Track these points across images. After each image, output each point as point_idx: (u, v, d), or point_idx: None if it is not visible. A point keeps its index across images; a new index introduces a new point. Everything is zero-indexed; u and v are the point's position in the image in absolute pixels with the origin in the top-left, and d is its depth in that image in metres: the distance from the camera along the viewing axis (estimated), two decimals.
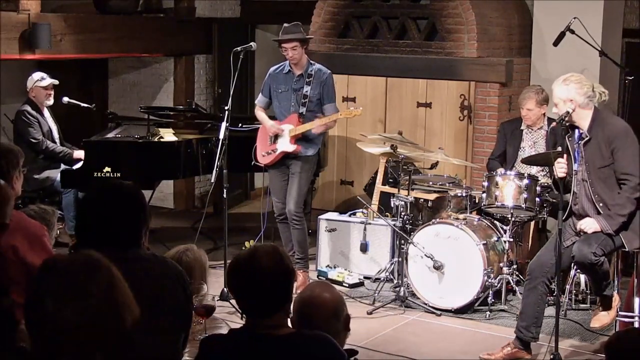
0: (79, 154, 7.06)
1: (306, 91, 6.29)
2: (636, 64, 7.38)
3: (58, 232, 4.83)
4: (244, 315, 2.73)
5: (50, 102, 7.19)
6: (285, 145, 6.33)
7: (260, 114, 6.53)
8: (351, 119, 6.90)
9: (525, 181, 5.87)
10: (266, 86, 6.48)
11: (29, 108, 7.05)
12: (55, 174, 7.04)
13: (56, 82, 7.19)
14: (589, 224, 4.80)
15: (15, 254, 3.59)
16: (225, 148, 5.76)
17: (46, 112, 7.21)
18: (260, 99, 6.55)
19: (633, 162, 4.72)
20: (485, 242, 5.91)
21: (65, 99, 7.44)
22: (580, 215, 4.90)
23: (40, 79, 7.10)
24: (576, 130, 4.84)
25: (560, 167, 4.75)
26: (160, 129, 7.23)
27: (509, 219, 5.99)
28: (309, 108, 6.30)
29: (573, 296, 5.96)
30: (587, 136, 4.78)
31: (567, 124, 4.80)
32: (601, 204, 4.77)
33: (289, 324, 2.72)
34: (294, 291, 2.73)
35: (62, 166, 7.15)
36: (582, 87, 4.76)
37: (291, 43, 6.20)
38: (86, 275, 2.06)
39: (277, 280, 2.61)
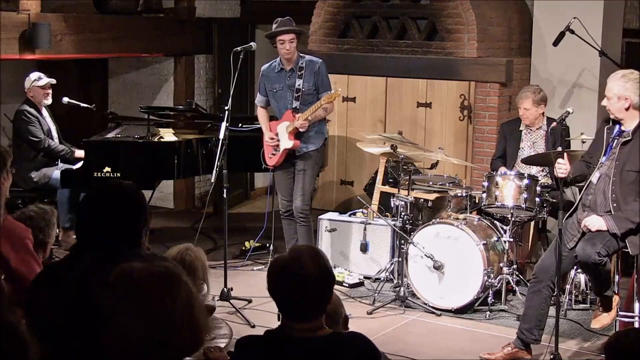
0: (80, 153, 7.06)
1: (298, 85, 6.30)
2: (636, 64, 7.35)
3: (58, 230, 4.83)
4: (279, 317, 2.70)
5: (49, 101, 7.18)
6: (284, 142, 6.35)
7: (261, 119, 6.56)
8: (349, 119, 6.89)
9: (525, 181, 5.87)
10: (262, 85, 6.51)
11: (28, 107, 7.05)
12: (52, 172, 7.03)
13: (53, 81, 7.19)
14: (594, 222, 4.75)
15: None
16: (225, 148, 5.76)
17: (45, 112, 7.20)
18: (259, 99, 6.57)
19: None
20: (485, 242, 5.91)
21: (65, 99, 7.44)
22: (589, 208, 4.85)
23: (37, 79, 7.09)
24: (617, 125, 4.78)
25: (560, 168, 4.73)
26: (160, 129, 7.23)
27: (509, 219, 5.98)
28: (304, 101, 6.30)
29: (573, 296, 5.96)
30: (628, 136, 4.71)
31: (562, 123, 4.78)
32: (615, 204, 4.72)
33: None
34: None
35: (61, 165, 7.15)
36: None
37: (290, 35, 6.21)
38: (166, 291, 2.02)
39: (322, 286, 2.61)
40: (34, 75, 7.15)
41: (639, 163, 4.67)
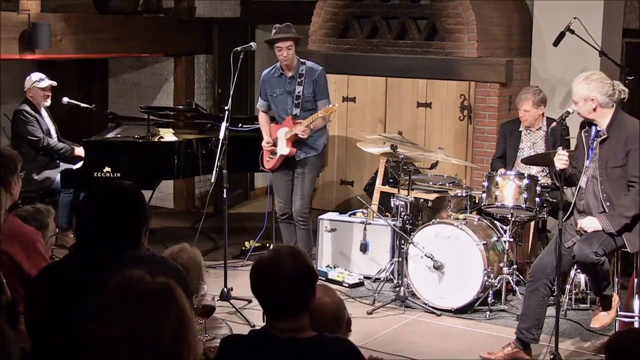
0: (80, 151, 7.06)
1: (298, 92, 6.31)
2: (636, 64, 7.38)
3: (57, 230, 4.81)
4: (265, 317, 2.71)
5: (48, 103, 7.18)
6: (282, 148, 6.39)
7: (262, 123, 6.57)
8: (349, 119, 6.88)
9: (525, 181, 5.87)
10: (262, 90, 6.53)
11: (27, 107, 7.05)
12: (55, 174, 7.04)
13: (54, 83, 7.19)
14: (589, 223, 4.78)
15: (10, 260, 3.56)
16: (225, 148, 5.76)
17: (44, 112, 7.20)
18: (260, 103, 6.59)
19: None
20: (485, 242, 5.91)
21: (65, 99, 7.44)
22: (584, 212, 4.87)
23: (38, 80, 7.09)
24: (593, 127, 4.80)
25: (560, 159, 4.73)
26: (160, 129, 7.23)
27: (509, 219, 5.98)
28: (304, 108, 6.32)
29: (573, 296, 5.95)
30: (604, 134, 4.75)
31: (562, 123, 4.78)
32: (608, 203, 4.74)
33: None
34: None
35: (62, 165, 7.15)
36: (603, 86, 4.71)
37: (287, 42, 6.23)
38: (160, 305, 2.03)
39: (301, 283, 2.61)
40: (35, 75, 7.15)
41: (620, 158, 4.71)
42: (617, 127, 4.72)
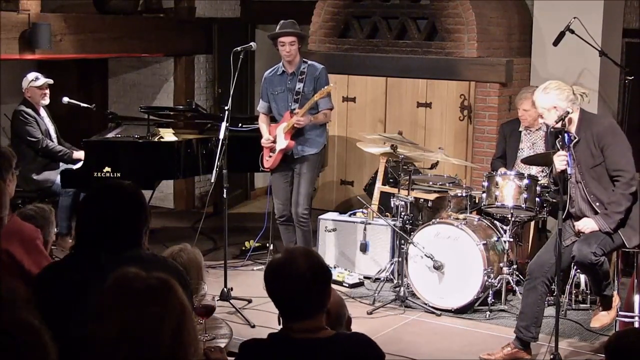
0: (79, 154, 7.05)
1: (299, 88, 6.31)
2: (636, 64, 7.38)
3: (57, 229, 4.83)
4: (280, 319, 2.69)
5: (46, 101, 7.18)
6: (280, 143, 6.35)
7: (261, 124, 6.55)
8: (349, 119, 6.86)
9: (525, 181, 5.87)
10: (264, 90, 6.52)
11: (25, 108, 7.04)
12: (55, 176, 7.03)
13: (50, 81, 7.18)
14: (587, 225, 4.82)
15: (10, 258, 3.57)
16: (225, 148, 5.76)
17: (43, 112, 7.19)
18: (261, 105, 6.58)
19: (623, 157, 4.76)
20: (485, 242, 5.91)
21: (65, 99, 7.43)
22: (578, 217, 4.91)
23: (34, 79, 7.08)
24: (566, 135, 4.85)
25: (560, 160, 4.74)
26: (160, 129, 7.23)
27: (509, 219, 5.98)
28: (303, 104, 6.30)
29: (573, 296, 5.96)
30: (575, 137, 4.81)
31: (562, 123, 4.81)
32: (597, 203, 4.79)
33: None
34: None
35: (62, 166, 7.15)
36: (562, 93, 4.80)
37: (290, 38, 6.22)
38: (158, 303, 2.02)
39: (315, 282, 2.60)
40: (31, 75, 7.15)
41: (596, 156, 4.76)
42: (585, 128, 4.80)
